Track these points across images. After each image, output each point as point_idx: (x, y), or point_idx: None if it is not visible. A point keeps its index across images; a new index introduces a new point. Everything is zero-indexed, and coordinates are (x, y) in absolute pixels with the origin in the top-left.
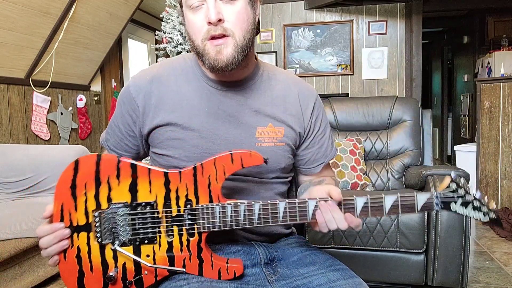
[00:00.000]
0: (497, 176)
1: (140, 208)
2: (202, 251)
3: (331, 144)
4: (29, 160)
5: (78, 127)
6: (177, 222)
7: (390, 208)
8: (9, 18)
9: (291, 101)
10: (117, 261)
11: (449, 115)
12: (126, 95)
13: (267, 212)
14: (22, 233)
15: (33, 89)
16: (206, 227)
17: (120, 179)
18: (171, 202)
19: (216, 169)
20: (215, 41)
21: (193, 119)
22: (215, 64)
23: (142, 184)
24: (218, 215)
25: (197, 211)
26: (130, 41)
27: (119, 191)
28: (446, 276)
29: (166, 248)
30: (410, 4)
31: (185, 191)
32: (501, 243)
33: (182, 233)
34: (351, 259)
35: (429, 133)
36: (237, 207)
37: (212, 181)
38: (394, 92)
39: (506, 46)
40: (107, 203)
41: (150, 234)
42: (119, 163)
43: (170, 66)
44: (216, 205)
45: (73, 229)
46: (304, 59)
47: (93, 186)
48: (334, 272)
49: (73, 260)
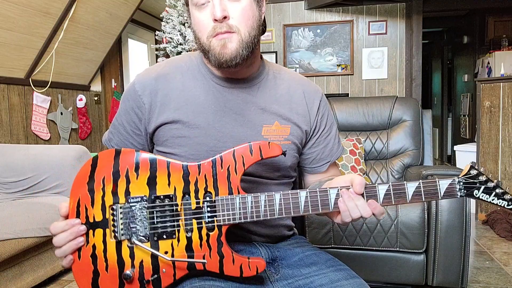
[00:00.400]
0: (497, 176)
1: (158, 202)
2: (222, 246)
3: (337, 143)
4: (29, 160)
5: (78, 127)
6: (197, 215)
7: (412, 194)
8: (9, 18)
9: (297, 100)
10: (134, 259)
11: (449, 115)
12: (132, 92)
13: (288, 202)
14: (22, 233)
15: (33, 89)
16: (226, 220)
17: (139, 172)
18: (190, 194)
19: (235, 161)
20: (220, 35)
21: (198, 117)
22: (220, 58)
23: (161, 177)
24: (238, 207)
25: (217, 203)
26: (130, 41)
27: (137, 184)
28: (446, 276)
29: (185, 244)
30: (410, 4)
31: (204, 183)
32: (501, 243)
33: (201, 226)
34: (351, 259)
35: (429, 133)
36: (257, 197)
37: (232, 172)
38: (394, 92)
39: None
40: (124, 198)
41: (168, 228)
42: (138, 156)
43: (176, 64)
44: (236, 196)
45: (89, 225)
46: (304, 59)
47: (111, 181)
48: (335, 272)
49: (87, 259)
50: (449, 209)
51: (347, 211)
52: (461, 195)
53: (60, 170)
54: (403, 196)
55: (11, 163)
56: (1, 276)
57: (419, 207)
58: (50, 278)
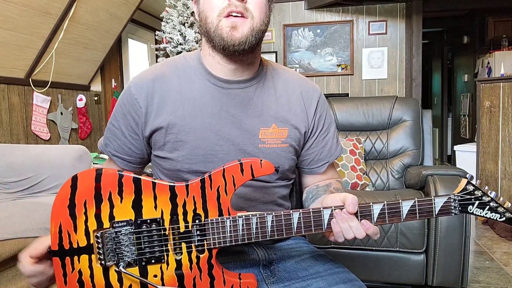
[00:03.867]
0: (497, 176)
1: (145, 226)
2: (213, 268)
3: (335, 143)
4: (29, 160)
5: (78, 127)
6: (186, 239)
7: (407, 213)
8: (9, 18)
9: (295, 100)
10: (122, 285)
11: (449, 115)
12: (128, 96)
13: (280, 224)
14: (22, 233)
15: (33, 89)
16: (216, 243)
17: (122, 195)
18: (179, 217)
19: (225, 181)
20: (232, 18)
21: (195, 120)
22: (228, 39)
23: (147, 200)
24: (229, 229)
25: (207, 226)
26: (130, 41)
27: (122, 208)
28: (446, 276)
29: (174, 267)
30: (410, 4)
31: (192, 205)
32: (501, 243)
33: (191, 250)
34: (351, 259)
35: (429, 133)
36: (249, 220)
37: (222, 193)
38: (394, 92)
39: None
40: (109, 222)
41: (157, 253)
42: (121, 177)
43: (173, 65)
44: (227, 218)
45: (73, 251)
46: (304, 59)
47: (93, 204)
48: (333, 275)
49: (74, 285)
50: None
51: (340, 232)
52: (455, 213)
53: (60, 170)
54: (397, 215)
55: (11, 163)
56: (1, 276)
57: None
58: None
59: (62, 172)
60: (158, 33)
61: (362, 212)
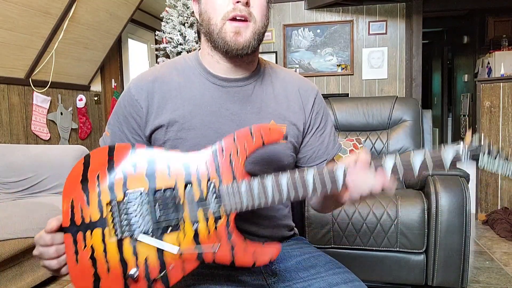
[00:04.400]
0: (497, 176)
1: (159, 195)
2: (231, 236)
3: (333, 141)
4: (29, 160)
5: (78, 127)
6: (202, 206)
7: (420, 166)
8: (9, 18)
9: (293, 98)
10: (137, 258)
11: (449, 115)
12: (128, 97)
13: (295, 184)
14: (22, 233)
15: (33, 89)
16: (233, 208)
17: (136, 165)
18: (193, 184)
19: (237, 146)
20: (236, 22)
21: (195, 118)
22: (231, 44)
23: (160, 169)
24: (245, 193)
25: (222, 191)
26: (130, 41)
27: (135, 178)
28: (446, 276)
29: (192, 236)
30: (410, 4)
31: (206, 171)
32: (501, 243)
33: (208, 217)
34: (351, 259)
35: (429, 133)
36: (264, 182)
37: (234, 158)
38: (394, 92)
39: (506, 46)
40: (123, 193)
41: (173, 221)
42: (134, 149)
43: (172, 66)
44: (242, 182)
45: (85, 226)
46: (304, 59)
47: (107, 177)
48: (334, 276)
49: (86, 262)
50: (449, 209)
51: (356, 187)
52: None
53: (60, 170)
54: (409, 168)
55: (11, 163)
56: (1, 276)
57: (419, 207)
58: (50, 278)
59: (62, 172)
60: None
61: (376, 164)
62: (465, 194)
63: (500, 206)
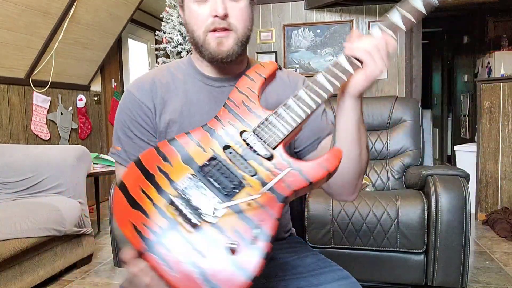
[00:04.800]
0: (497, 176)
1: (207, 169)
2: (292, 163)
3: (325, 120)
4: (29, 160)
5: (78, 127)
6: (249, 157)
7: (402, 20)
8: (9, 18)
9: (284, 88)
10: (225, 233)
11: (449, 115)
12: (132, 101)
13: (313, 90)
14: (22, 233)
15: (33, 89)
16: (276, 140)
17: (169, 159)
18: (230, 144)
19: (245, 94)
20: (217, 33)
21: (194, 117)
22: (215, 55)
23: (193, 150)
24: (278, 122)
25: (258, 132)
26: (130, 41)
27: (176, 170)
28: (446, 276)
29: (259, 184)
30: None
31: (233, 127)
32: (501, 243)
33: (261, 162)
34: (351, 259)
35: (429, 133)
36: (286, 103)
37: (249, 103)
38: (394, 92)
39: (506, 46)
40: (174, 189)
41: (235, 183)
42: (158, 148)
43: (166, 69)
44: (269, 115)
45: (160, 235)
46: (304, 59)
47: (149, 185)
48: (327, 274)
49: (181, 266)
50: (449, 209)
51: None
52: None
53: (60, 170)
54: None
55: (11, 163)
56: (1, 276)
57: (419, 207)
58: (50, 278)
59: (62, 172)
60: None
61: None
62: (465, 194)
63: (500, 206)
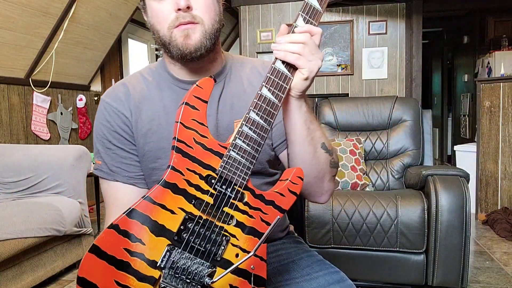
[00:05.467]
0: (497, 176)
1: (184, 234)
2: (264, 198)
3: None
4: (29, 160)
5: (78, 127)
6: (222, 203)
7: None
8: (9, 18)
9: (236, 82)
10: None
11: (449, 115)
12: (109, 111)
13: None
14: (22, 233)
15: (33, 89)
16: (242, 176)
17: (138, 236)
18: (197, 196)
19: (192, 128)
20: (183, 26)
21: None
22: (183, 49)
23: (159, 216)
24: (240, 156)
25: (223, 175)
26: (130, 41)
27: (149, 247)
28: (446, 276)
29: (240, 231)
30: (410, 4)
31: (195, 174)
32: (501, 243)
33: (234, 204)
34: (351, 259)
35: (429, 133)
36: (240, 131)
37: (201, 140)
38: (394, 92)
39: (506, 46)
40: (155, 269)
41: (217, 239)
42: (118, 228)
43: (139, 76)
44: (228, 151)
45: None
46: None
47: (125, 275)
48: (325, 277)
49: None
50: (449, 209)
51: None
52: None
53: (60, 170)
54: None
55: (11, 163)
56: (1, 276)
57: (419, 207)
58: (50, 278)
59: (62, 172)
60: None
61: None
62: (465, 194)
63: (500, 206)
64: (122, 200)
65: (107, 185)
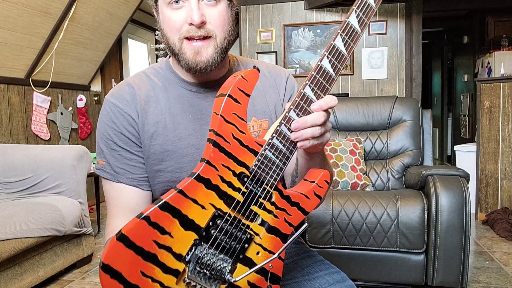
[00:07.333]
0: (497, 176)
1: (212, 230)
2: (290, 199)
3: None
4: (29, 160)
5: (78, 127)
6: (251, 202)
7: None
8: (9, 18)
9: (268, 88)
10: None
11: (449, 115)
12: (115, 111)
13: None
14: (22, 233)
15: (33, 89)
16: (275, 177)
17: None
18: (228, 193)
19: (232, 123)
20: (194, 42)
21: (178, 128)
22: (193, 65)
23: (189, 210)
24: (274, 156)
25: (256, 174)
26: (130, 41)
27: (178, 239)
28: (446, 276)
29: (264, 230)
30: (410, 4)
31: (229, 171)
32: (501, 243)
33: (262, 204)
34: (351, 259)
35: (429, 133)
36: (281, 133)
37: (239, 135)
38: (394, 92)
39: (506, 46)
40: (181, 262)
41: (243, 237)
42: (149, 219)
43: (144, 76)
44: (263, 150)
45: None
46: (304, 59)
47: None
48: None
49: None
50: (449, 209)
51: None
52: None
53: (60, 170)
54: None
55: (11, 163)
56: (1, 276)
57: (419, 207)
58: (50, 278)
59: (62, 172)
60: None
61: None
62: (465, 194)
63: (500, 206)
64: (125, 202)
65: (110, 186)
